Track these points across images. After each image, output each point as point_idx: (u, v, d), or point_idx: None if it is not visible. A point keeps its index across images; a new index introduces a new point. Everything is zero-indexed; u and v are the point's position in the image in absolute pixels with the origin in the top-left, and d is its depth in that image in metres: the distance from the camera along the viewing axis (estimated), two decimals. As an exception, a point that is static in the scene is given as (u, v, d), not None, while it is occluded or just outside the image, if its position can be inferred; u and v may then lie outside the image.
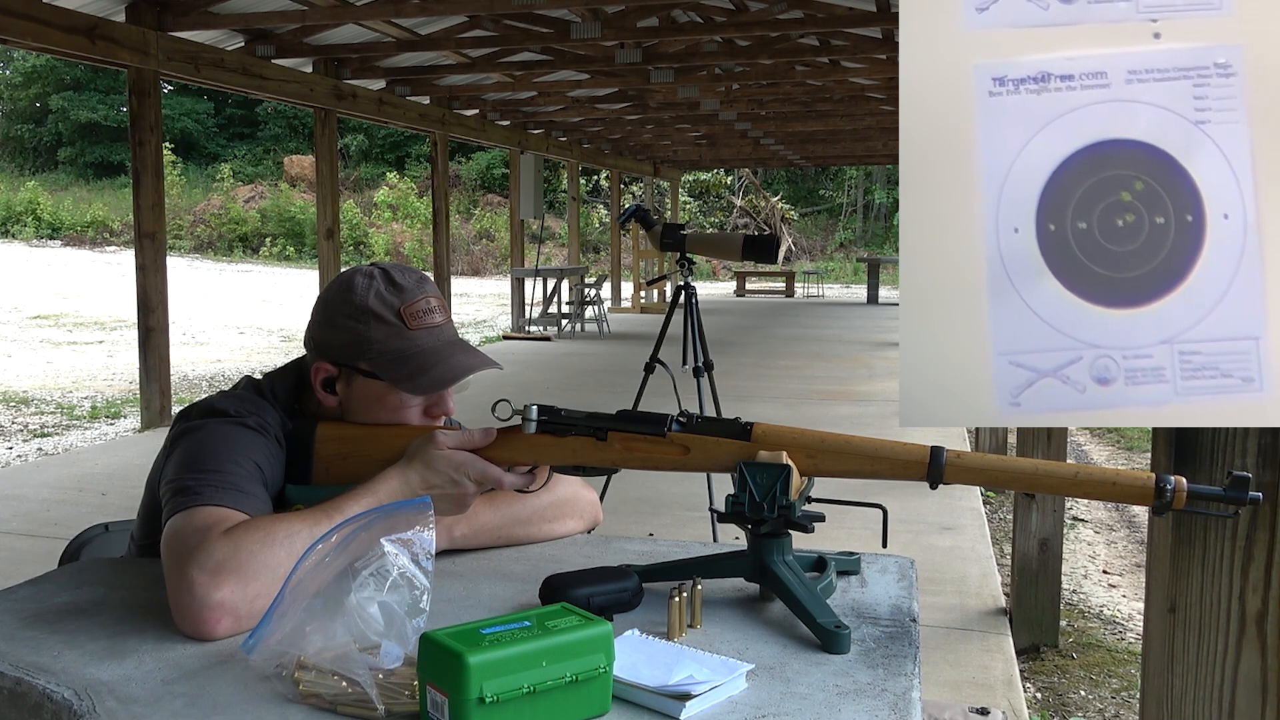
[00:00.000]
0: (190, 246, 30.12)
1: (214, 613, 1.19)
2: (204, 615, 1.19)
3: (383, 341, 1.49)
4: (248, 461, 1.39)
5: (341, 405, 1.52)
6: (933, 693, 3.07)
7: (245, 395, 1.51)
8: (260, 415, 1.47)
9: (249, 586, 1.20)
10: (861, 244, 32.37)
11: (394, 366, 1.48)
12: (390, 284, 1.52)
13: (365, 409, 1.51)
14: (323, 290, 1.59)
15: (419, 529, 1.12)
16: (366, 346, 1.49)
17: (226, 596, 1.19)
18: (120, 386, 10.14)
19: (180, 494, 1.33)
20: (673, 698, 1.02)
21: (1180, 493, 1.12)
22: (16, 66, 34.75)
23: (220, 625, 1.19)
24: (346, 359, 1.50)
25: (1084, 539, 5.57)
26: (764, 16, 8.80)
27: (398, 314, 1.50)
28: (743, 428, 1.31)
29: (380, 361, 1.49)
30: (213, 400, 1.49)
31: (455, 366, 1.50)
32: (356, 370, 1.50)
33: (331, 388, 1.52)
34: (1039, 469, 1.22)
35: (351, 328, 1.50)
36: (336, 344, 1.51)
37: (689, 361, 4.24)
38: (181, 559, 1.23)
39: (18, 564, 4.24)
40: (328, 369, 1.52)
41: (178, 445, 1.42)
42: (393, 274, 1.53)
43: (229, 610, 1.19)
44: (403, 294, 1.51)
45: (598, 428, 1.35)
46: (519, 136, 14.56)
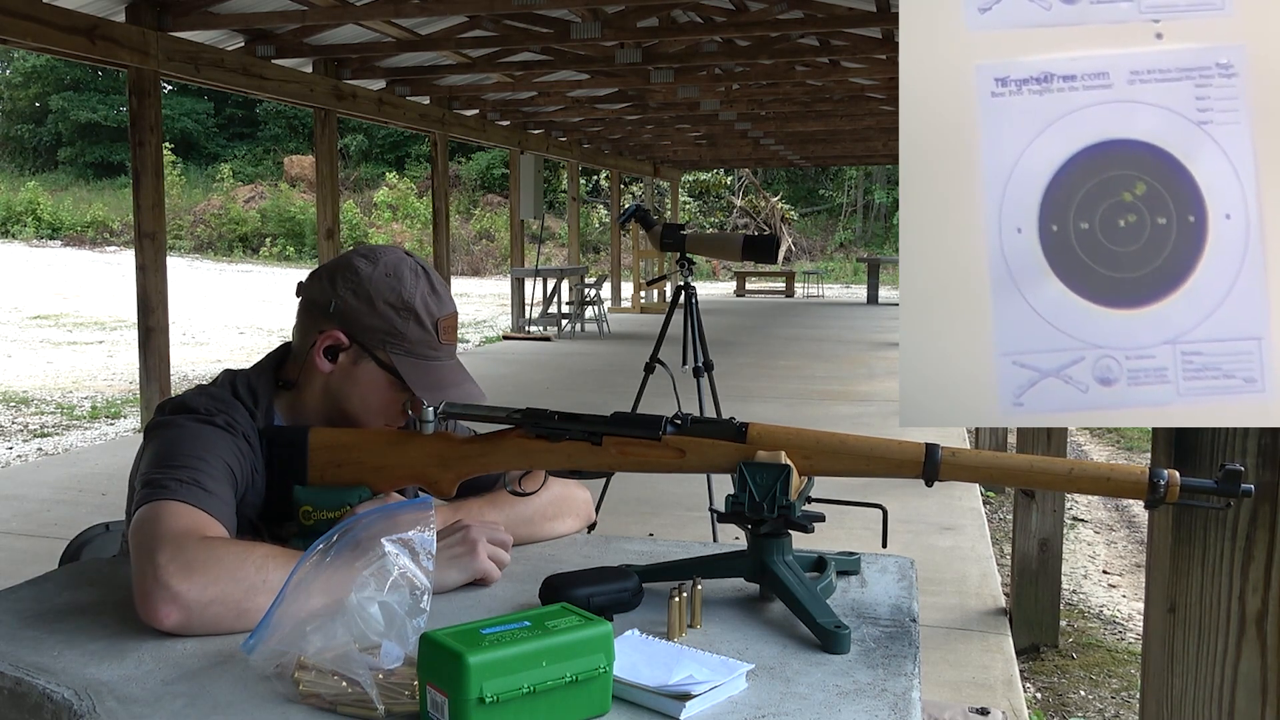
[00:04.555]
0: (190, 246, 30.12)
1: (167, 603, 1.18)
2: (157, 602, 1.19)
3: (415, 344, 1.51)
4: (216, 460, 1.39)
5: (332, 376, 1.52)
6: (933, 693, 3.07)
7: (218, 393, 1.51)
8: (229, 414, 1.46)
9: (207, 590, 1.20)
10: (861, 244, 32.36)
11: (417, 372, 1.50)
12: (433, 291, 1.54)
13: (355, 391, 1.52)
14: (360, 259, 1.54)
15: (419, 529, 1.12)
16: (398, 341, 1.50)
17: (184, 590, 1.19)
18: (120, 386, 10.14)
19: (148, 486, 1.34)
20: (673, 698, 1.02)
21: (1174, 486, 1.14)
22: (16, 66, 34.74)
23: (170, 616, 1.19)
24: (371, 342, 1.51)
25: (1084, 539, 5.57)
26: (764, 16, 8.79)
27: (435, 324, 1.52)
28: (738, 429, 1.30)
29: (405, 362, 1.50)
30: (185, 397, 1.49)
31: (465, 392, 1.52)
32: (374, 356, 1.51)
33: (333, 356, 1.52)
34: (1034, 465, 1.23)
35: (391, 317, 1.50)
36: (367, 324, 1.51)
37: (689, 361, 4.24)
38: (149, 547, 1.23)
39: (18, 564, 4.24)
40: (340, 339, 1.51)
41: (151, 440, 1.43)
42: (433, 280, 1.55)
43: (181, 605, 1.19)
44: (442, 306, 1.54)
45: (592, 432, 1.35)
46: (519, 136, 14.56)
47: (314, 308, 1.54)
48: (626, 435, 1.34)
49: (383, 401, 1.53)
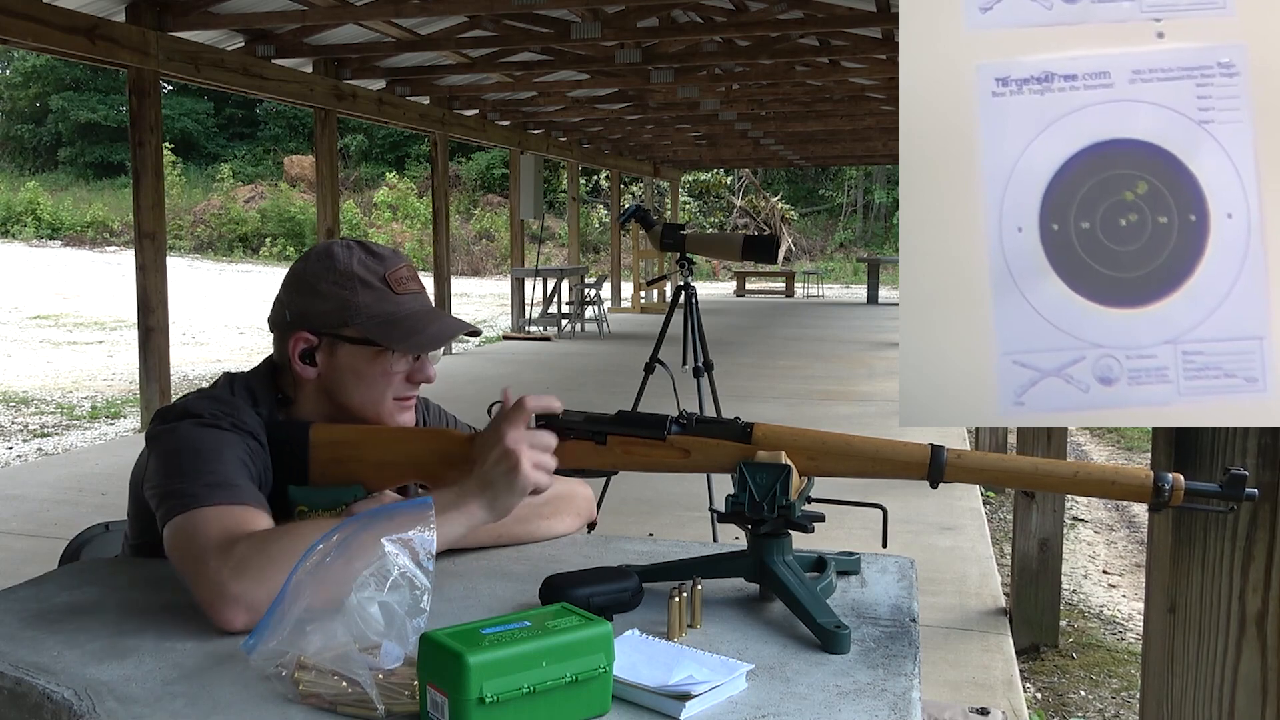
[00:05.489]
0: (190, 246, 30.11)
1: (231, 607, 1.19)
2: (222, 608, 1.19)
3: (370, 305, 1.49)
4: (232, 457, 1.39)
5: (321, 377, 1.51)
6: (933, 693, 3.06)
7: (220, 396, 1.50)
8: (235, 415, 1.45)
9: (265, 584, 1.19)
10: (861, 244, 32.36)
11: (384, 329, 1.48)
12: (369, 252, 1.53)
13: (346, 379, 1.50)
14: (295, 264, 1.57)
15: (419, 529, 1.12)
16: (354, 311, 1.48)
17: (244, 591, 1.19)
18: (120, 387, 10.14)
19: (171, 497, 1.33)
20: (673, 698, 1.02)
21: (1178, 490, 1.13)
22: (16, 66, 34.74)
23: (237, 619, 1.19)
24: (331, 326, 1.49)
25: (1084, 539, 5.57)
26: (764, 16, 8.79)
27: (383, 279, 1.50)
28: (743, 429, 1.30)
29: (370, 325, 1.48)
30: (188, 403, 1.47)
31: (446, 327, 1.51)
32: (341, 337, 1.49)
33: (311, 359, 1.51)
34: (1039, 468, 1.22)
35: (337, 294, 1.49)
36: (319, 311, 1.50)
37: (689, 361, 4.24)
38: (197, 559, 1.24)
39: (18, 564, 4.23)
40: (308, 339, 1.50)
41: (156, 448, 1.42)
42: (368, 245, 1.55)
43: (246, 605, 1.19)
44: (384, 262, 1.52)
45: (597, 431, 1.35)
46: (519, 136, 14.56)
47: (278, 326, 1.55)
48: (631, 435, 1.34)
49: (375, 376, 1.50)
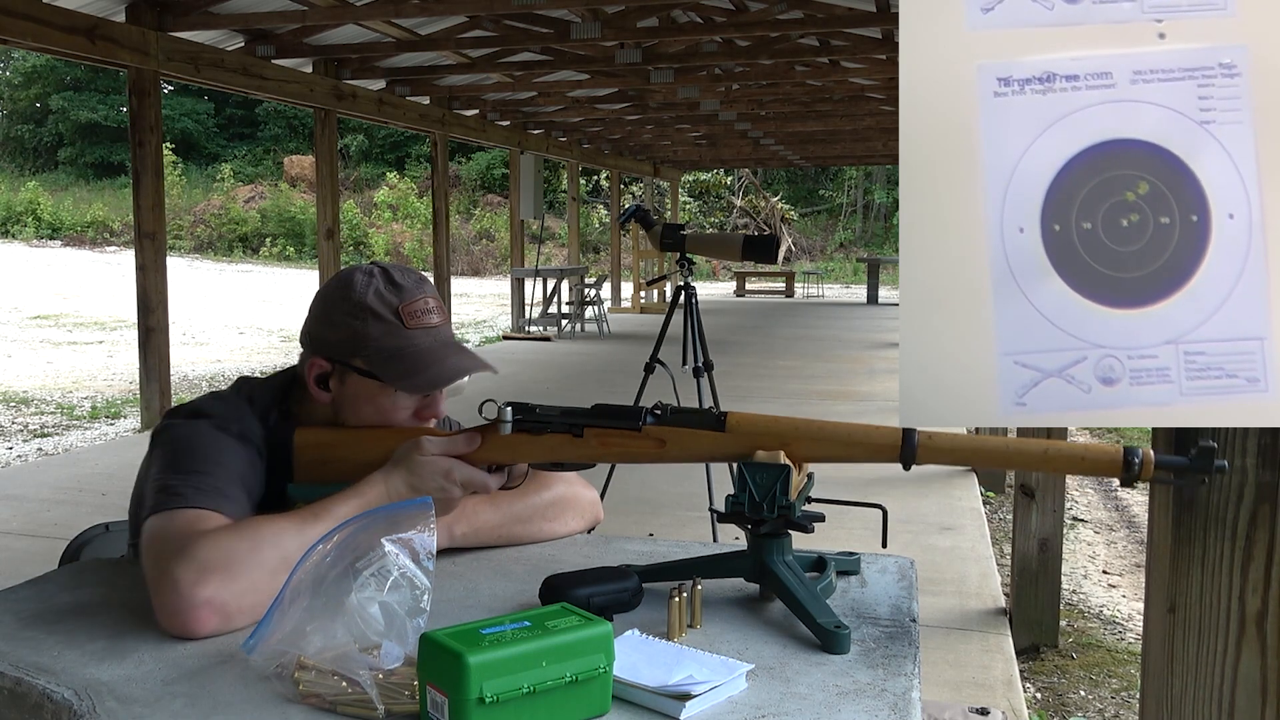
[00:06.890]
0: (190, 247, 30.11)
1: (200, 611, 1.19)
2: (190, 613, 1.19)
3: (379, 339, 1.48)
4: (231, 465, 1.39)
5: (334, 403, 1.51)
6: (933, 693, 3.06)
7: (232, 399, 1.51)
8: (243, 423, 1.46)
9: (235, 583, 1.20)
10: (861, 244, 32.35)
11: (388, 365, 1.47)
12: (390, 283, 1.51)
13: (357, 407, 1.49)
14: (322, 286, 1.58)
15: (420, 529, 1.12)
16: (363, 343, 1.48)
17: (213, 594, 1.19)
18: (120, 386, 10.13)
19: (162, 493, 1.33)
20: (673, 698, 1.02)
21: (1148, 463, 1.15)
22: (16, 66, 34.73)
23: (207, 623, 1.19)
24: (342, 355, 1.49)
25: (1084, 539, 5.57)
26: (764, 17, 8.79)
27: (395, 312, 1.48)
28: (717, 418, 1.31)
29: (375, 359, 1.47)
30: (199, 403, 1.48)
31: (450, 368, 1.49)
32: (351, 367, 1.49)
33: (325, 384, 1.51)
34: (1010, 446, 1.24)
35: (348, 324, 1.49)
36: (333, 340, 1.50)
37: (689, 361, 4.24)
38: (164, 558, 1.23)
39: (18, 564, 4.23)
40: (322, 365, 1.51)
41: (162, 445, 1.42)
42: (392, 273, 1.53)
43: (216, 608, 1.19)
44: (401, 293, 1.50)
45: (574, 424, 1.35)
46: (519, 137, 14.56)
47: (302, 345, 1.56)
48: (607, 426, 1.34)
49: (386, 407, 1.49)
